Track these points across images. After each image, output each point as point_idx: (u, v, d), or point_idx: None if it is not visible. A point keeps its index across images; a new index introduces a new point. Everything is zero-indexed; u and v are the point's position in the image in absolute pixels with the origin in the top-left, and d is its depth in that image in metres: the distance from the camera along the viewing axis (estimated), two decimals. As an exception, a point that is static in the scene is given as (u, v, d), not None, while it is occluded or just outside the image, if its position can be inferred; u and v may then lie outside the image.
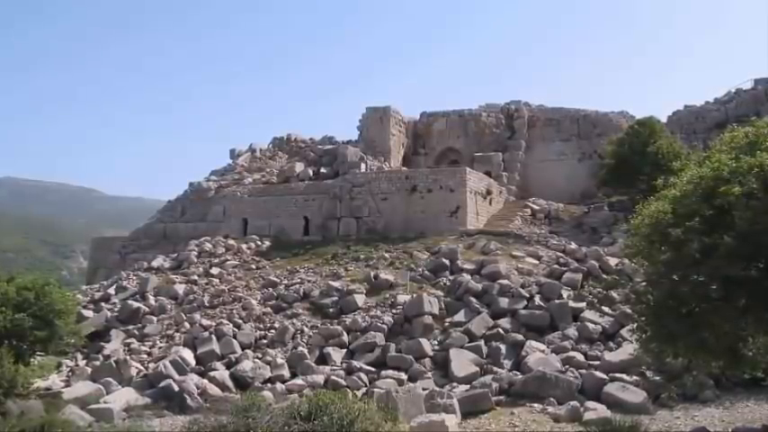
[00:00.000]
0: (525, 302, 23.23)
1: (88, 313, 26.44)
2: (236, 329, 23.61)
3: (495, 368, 19.72)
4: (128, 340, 24.26)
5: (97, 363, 22.16)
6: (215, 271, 30.40)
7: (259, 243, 34.29)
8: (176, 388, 19.17)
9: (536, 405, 16.84)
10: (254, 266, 31.08)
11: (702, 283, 11.75)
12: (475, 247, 29.90)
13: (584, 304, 23.01)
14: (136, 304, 26.83)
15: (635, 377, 17.99)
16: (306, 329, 23.58)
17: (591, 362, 19.38)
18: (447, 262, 27.37)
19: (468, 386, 18.55)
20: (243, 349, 22.39)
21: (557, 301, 22.94)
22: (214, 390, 19.68)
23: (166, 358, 21.38)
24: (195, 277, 29.95)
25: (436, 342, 21.83)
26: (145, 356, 22.69)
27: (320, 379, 19.99)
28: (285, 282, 27.91)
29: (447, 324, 22.74)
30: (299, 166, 41.44)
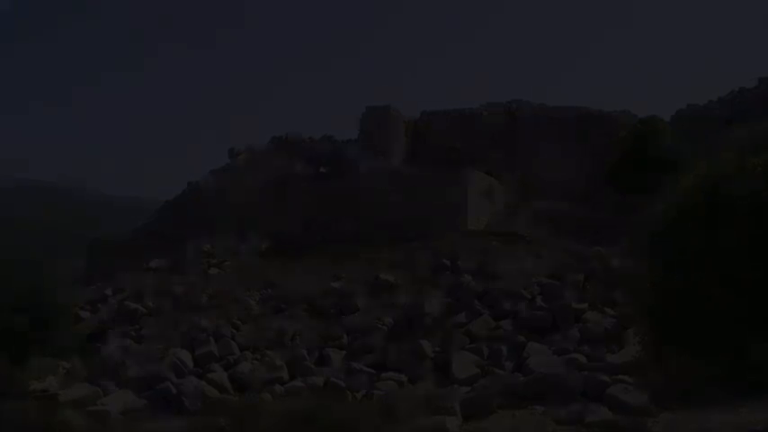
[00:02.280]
0: (527, 303, 23.06)
1: (85, 314, 26.35)
2: (235, 331, 23.47)
3: (496, 370, 19.57)
4: (125, 341, 24.11)
5: (94, 364, 22.02)
6: (213, 271, 30.26)
7: (258, 243, 34.10)
8: (174, 390, 19.04)
9: (538, 407, 16.66)
10: (252, 267, 30.92)
11: (706, 284, 11.58)
12: (476, 247, 29.72)
13: (586, 305, 22.85)
14: (133, 305, 26.71)
15: (638, 379, 17.81)
16: (305, 331, 23.44)
17: (593, 363, 19.21)
18: (448, 262, 27.20)
19: (470, 388, 18.39)
20: (241, 351, 22.25)
21: (559, 302, 22.78)
22: (212, 391, 19.53)
23: (164, 360, 21.23)
24: (193, 278, 29.81)
25: (437, 343, 21.68)
26: (142, 358, 22.53)
27: (319, 381, 19.83)
28: (284, 282, 27.75)
29: (448, 325, 22.57)
30: (299, 166, 41.26)
